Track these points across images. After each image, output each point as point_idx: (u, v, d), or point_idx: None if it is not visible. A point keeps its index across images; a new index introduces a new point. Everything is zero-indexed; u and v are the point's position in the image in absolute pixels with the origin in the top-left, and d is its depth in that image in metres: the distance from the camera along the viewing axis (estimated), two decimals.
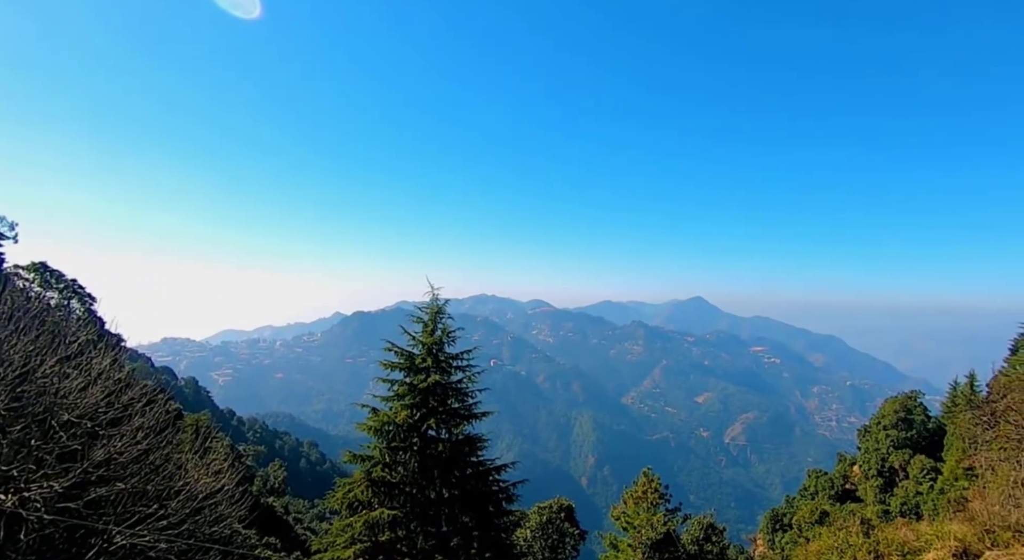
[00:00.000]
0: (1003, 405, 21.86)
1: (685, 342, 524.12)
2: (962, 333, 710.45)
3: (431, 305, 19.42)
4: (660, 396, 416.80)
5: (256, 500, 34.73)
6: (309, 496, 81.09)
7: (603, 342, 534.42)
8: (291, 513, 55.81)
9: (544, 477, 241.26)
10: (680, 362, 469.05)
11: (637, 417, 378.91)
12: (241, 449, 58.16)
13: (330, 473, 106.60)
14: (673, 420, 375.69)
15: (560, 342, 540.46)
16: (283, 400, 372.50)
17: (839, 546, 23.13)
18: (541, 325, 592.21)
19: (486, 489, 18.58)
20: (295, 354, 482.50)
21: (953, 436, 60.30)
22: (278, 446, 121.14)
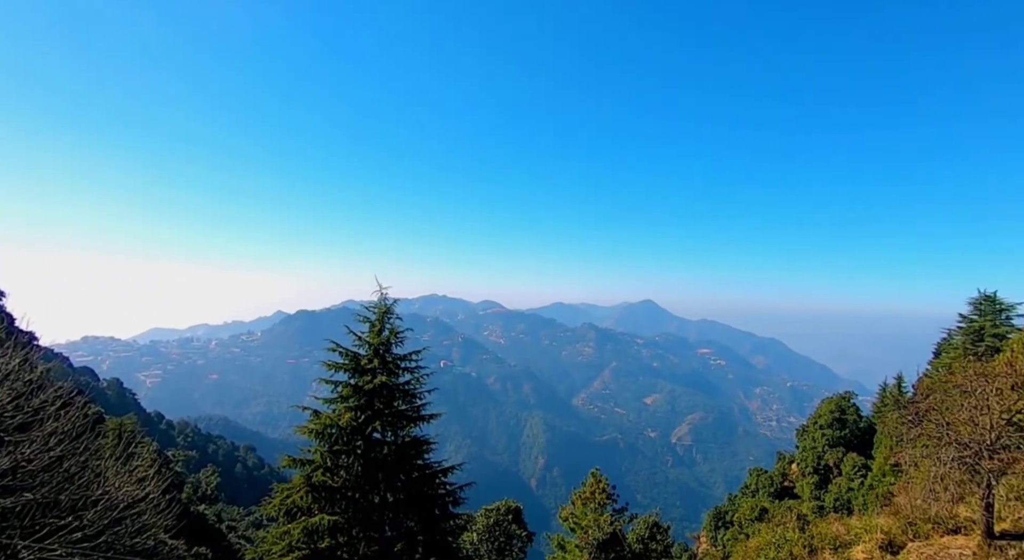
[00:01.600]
0: (926, 405, 23.71)
1: (635, 344, 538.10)
2: (892, 338, 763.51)
3: (379, 305, 19.16)
4: (610, 397, 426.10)
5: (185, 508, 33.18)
6: (245, 503, 78.10)
7: (555, 344, 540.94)
8: (224, 521, 53.55)
9: (493, 479, 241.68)
10: (630, 364, 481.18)
11: (587, 418, 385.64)
12: (170, 455, 55.38)
13: (268, 478, 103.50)
14: (622, 421, 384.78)
15: (511, 343, 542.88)
16: (218, 403, 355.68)
17: (777, 541, 24.59)
18: (492, 326, 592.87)
19: (432, 492, 18.57)
20: (232, 354, 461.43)
21: (882, 434, 64.98)
22: (211, 451, 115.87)
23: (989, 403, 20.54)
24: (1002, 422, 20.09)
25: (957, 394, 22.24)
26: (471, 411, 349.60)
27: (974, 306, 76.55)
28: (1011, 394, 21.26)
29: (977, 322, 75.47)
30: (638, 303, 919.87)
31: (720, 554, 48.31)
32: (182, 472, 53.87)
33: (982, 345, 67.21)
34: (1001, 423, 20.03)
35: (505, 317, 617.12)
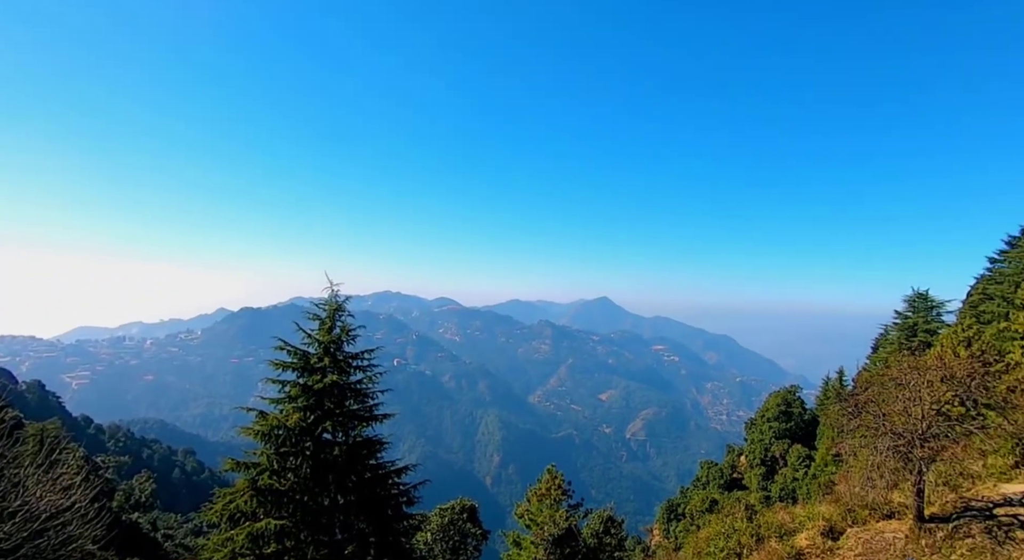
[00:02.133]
0: (864, 397, 25.27)
1: (591, 341, 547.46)
2: (835, 334, 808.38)
3: (329, 301, 18.68)
4: (566, 394, 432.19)
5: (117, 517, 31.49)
6: (184, 509, 74.98)
7: (511, 341, 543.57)
8: (160, 529, 51.13)
9: (448, 478, 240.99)
10: (585, 361, 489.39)
11: (543, 415, 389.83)
12: (99, 461, 52.56)
13: (209, 483, 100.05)
14: (578, 417, 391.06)
15: (467, 341, 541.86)
16: (153, 405, 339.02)
17: (726, 532, 25.64)
18: (448, 323, 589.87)
19: (385, 493, 18.28)
20: (169, 354, 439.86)
21: (824, 426, 68.76)
22: (146, 456, 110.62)
23: (921, 395, 22.05)
24: (932, 412, 21.61)
25: (892, 387, 23.77)
26: (426, 410, 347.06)
27: (908, 303, 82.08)
28: (940, 386, 22.90)
29: (911, 318, 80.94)
30: (594, 300, 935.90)
31: (672, 546, 50.05)
32: (113, 479, 51.36)
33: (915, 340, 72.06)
34: (931, 413, 21.54)
35: (461, 314, 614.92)
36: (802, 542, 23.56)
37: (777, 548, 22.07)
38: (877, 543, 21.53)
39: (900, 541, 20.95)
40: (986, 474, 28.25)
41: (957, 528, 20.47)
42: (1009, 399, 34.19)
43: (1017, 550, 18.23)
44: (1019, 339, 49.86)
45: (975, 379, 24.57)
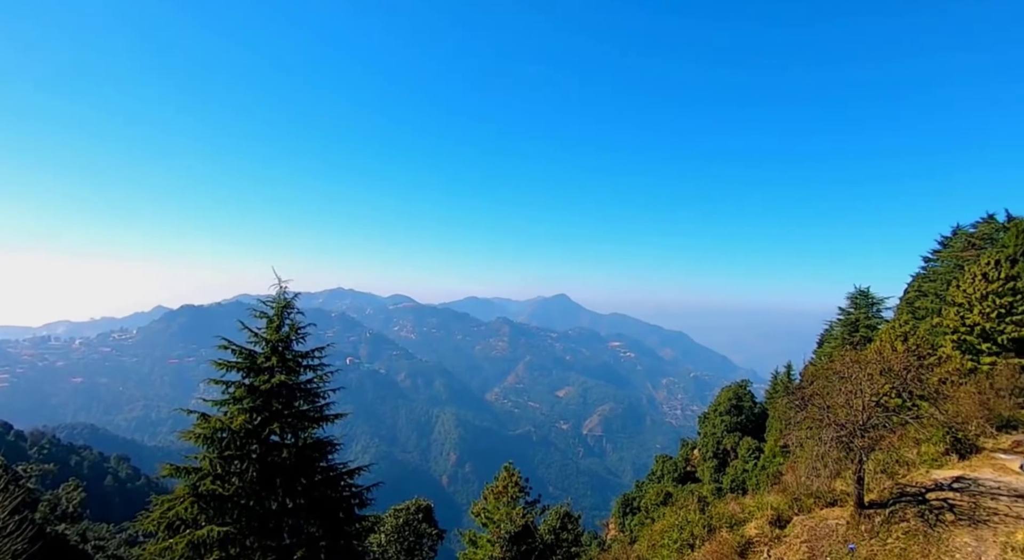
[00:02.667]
0: (810, 391, 26.60)
1: (548, 338, 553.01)
2: (784, 330, 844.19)
3: (277, 299, 18.24)
4: (523, 391, 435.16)
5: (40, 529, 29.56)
6: (117, 519, 71.48)
7: (468, 338, 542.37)
8: (91, 541, 48.49)
9: (403, 478, 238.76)
10: (543, 358, 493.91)
11: (500, 413, 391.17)
12: (20, 470, 49.34)
13: (145, 490, 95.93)
14: (535, 414, 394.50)
15: (423, 338, 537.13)
16: (83, 409, 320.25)
17: (679, 524, 26.52)
18: (403, 321, 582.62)
19: (336, 495, 17.95)
20: (101, 354, 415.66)
21: (773, 419, 72.05)
22: (74, 463, 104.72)
23: (862, 387, 23.37)
24: (872, 404, 22.94)
25: (836, 380, 25.09)
26: (380, 409, 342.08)
27: (851, 301, 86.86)
28: (879, 379, 24.32)
29: (853, 315, 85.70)
30: (552, 297, 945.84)
31: (628, 539, 51.28)
32: (36, 489, 48.43)
33: (857, 335, 76.33)
34: (871, 405, 22.86)
35: (416, 312, 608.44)
36: (751, 531, 24.62)
37: (728, 538, 22.99)
38: (821, 530, 22.74)
39: (842, 527, 22.20)
40: (920, 461, 30.28)
41: (893, 513, 21.87)
42: (941, 390, 36.71)
43: (946, 531, 19.65)
44: (950, 334, 53.48)
45: (911, 372, 26.25)
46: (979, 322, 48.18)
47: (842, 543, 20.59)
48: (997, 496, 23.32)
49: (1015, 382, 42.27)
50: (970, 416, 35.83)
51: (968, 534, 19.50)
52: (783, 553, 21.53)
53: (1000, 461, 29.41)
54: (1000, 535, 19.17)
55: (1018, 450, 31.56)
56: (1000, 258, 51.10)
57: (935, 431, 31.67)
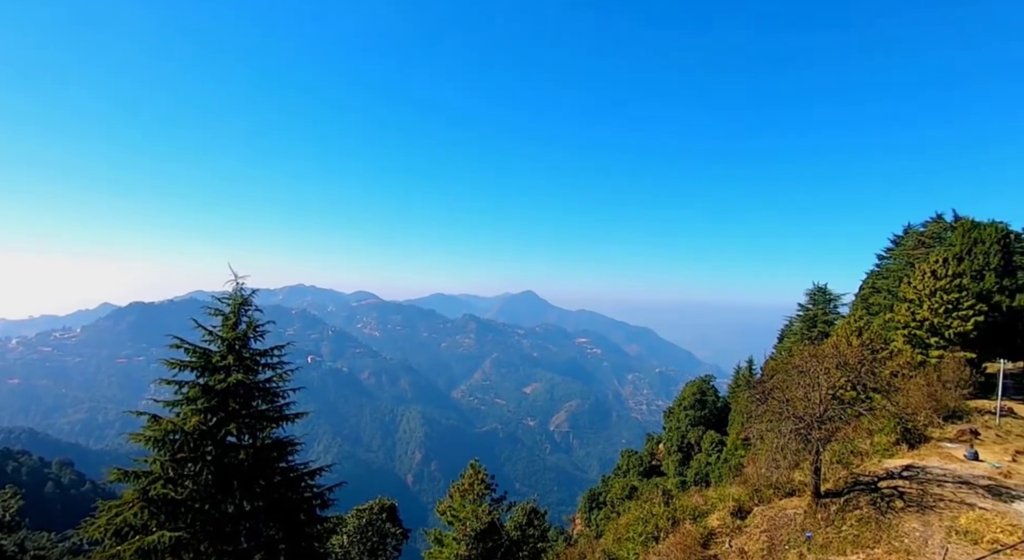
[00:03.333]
0: (771, 384, 27.64)
1: (515, 335, 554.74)
2: (747, 325, 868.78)
3: (234, 295, 17.88)
4: (490, 388, 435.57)
5: None
6: (59, 527, 68.39)
7: (434, 335, 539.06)
8: (30, 551, 46.14)
9: (367, 478, 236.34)
10: (510, 354, 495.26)
11: (467, 410, 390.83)
12: None
13: (91, 496, 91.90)
14: (502, 411, 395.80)
15: (387, 336, 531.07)
16: (20, 412, 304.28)
17: (644, 517, 27.17)
18: (367, 318, 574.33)
19: (297, 496, 17.64)
20: (41, 355, 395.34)
21: (735, 412, 74.29)
22: (11, 469, 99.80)
23: (819, 381, 24.34)
24: (828, 397, 23.90)
25: (795, 374, 26.08)
26: (343, 408, 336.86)
27: (810, 297, 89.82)
28: (836, 372, 25.38)
29: (811, 311, 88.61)
30: (519, 294, 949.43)
31: (594, 533, 52.15)
32: None
33: (815, 330, 79.02)
34: (828, 398, 23.81)
35: (381, 308, 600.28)
36: (714, 522, 25.44)
37: (691, 530, 23.70)
38: (780, 519, 23.65)
39: (800, 516, 23.15)
40: (872, 451, 31.82)
41: (848, 501, 22.93)
42: (892, 383, 38.59)
43: (896, 518, 20.74)
44: (901, 329, 55.91)
45: (865, 365, 27.49)
46: (928, 317, 50.74)
47: (800, 532, 21.49)
48: (943, 483, 24.75)
49: (960, 374, 44.73)
50: (919, 407, 37.81)
51: (916, 520, 20.65)
52: (744, 543, 22.30)
53: (946, 450, 31.17)
54: (945, 520, 20.40)
55: (963, 439, 33.46)
56: (947, 256, 53.95)
57: (887, 422, 33.33)
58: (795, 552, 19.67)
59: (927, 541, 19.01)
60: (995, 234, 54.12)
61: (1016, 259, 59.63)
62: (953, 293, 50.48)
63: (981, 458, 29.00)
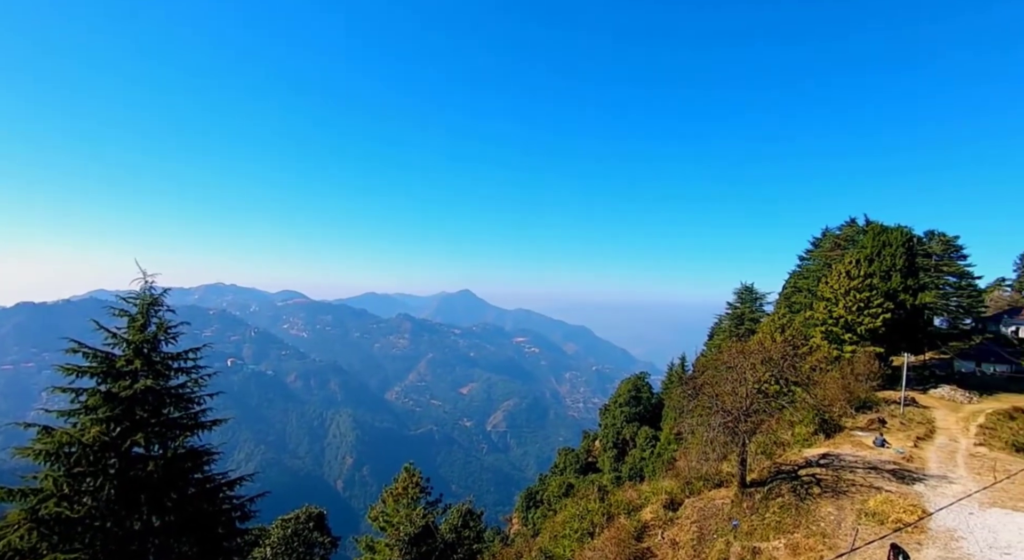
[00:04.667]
0: (701, 380, 28.99)
1: (452, 334, 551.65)
2: (680, 323, 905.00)
3: (142, 295, 16.85)
4: (426, 389, 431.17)
5: None
6: None
7: (366, 336, 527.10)
8: None
9: (293, 486, 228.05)
10: (446, 354, 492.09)
11: (401, 412, 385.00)
12: None
13: None
14: (438, 412, 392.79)
15: (316, 337, 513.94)
16: None
17: (580, 513, 27.79)
18: (293, 318, 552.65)
19: (214, 509, 16.74)
20: None
21: (668, 408, 77.41)
22: None
23: (746, 376, 25.75)
24: (754, 391, 25.33)
25: (724, 370, 27.47)
26: (266, 413, 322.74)
27: (738, 295, 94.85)
28: (761, 368, 26.93)
29: (739, 309, 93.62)
30: (456, 293, 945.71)
31: (531, 532, 52.77)
32: None
33: (742, 328, 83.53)
34: (753, 392, 25.24)
35: (308, 308, 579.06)
36: (647, 516, 26.40)
37: (625, 524, 24.50)
38: (709, 510, 24.89)
39: (727, 506, 24.45)
40: (793, 441, 34.09)
41: (771, 490, 24.45)
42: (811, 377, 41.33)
43: (814, 503, 22.34)
44: (819, 325, 60.07)
45: (787, 360, 29.34)
46: (843, 315, 54.95)
47: (727, 520, 22.71)
48: (855, 469, 26.91)
49: (870, 368, 48.76)
50: (835, 399, 40.91)
51: (831, 504, 22.34)
52: (676, 534, 23.30)
53: (858, 438, 33.90)
54: (856, 503, 22.20)
55: (872, 428, 36.50)
56: (860, 258, 58.68)
57: (806, 414, 35.84)
58: (723, 540, 20.73)
59: (840, 524, 20.60)
60: (901, 237, 59.36)
61: (919, 260, 65.72)
62: (864, 292, 54.96)
63: (888, 445, 31.75)
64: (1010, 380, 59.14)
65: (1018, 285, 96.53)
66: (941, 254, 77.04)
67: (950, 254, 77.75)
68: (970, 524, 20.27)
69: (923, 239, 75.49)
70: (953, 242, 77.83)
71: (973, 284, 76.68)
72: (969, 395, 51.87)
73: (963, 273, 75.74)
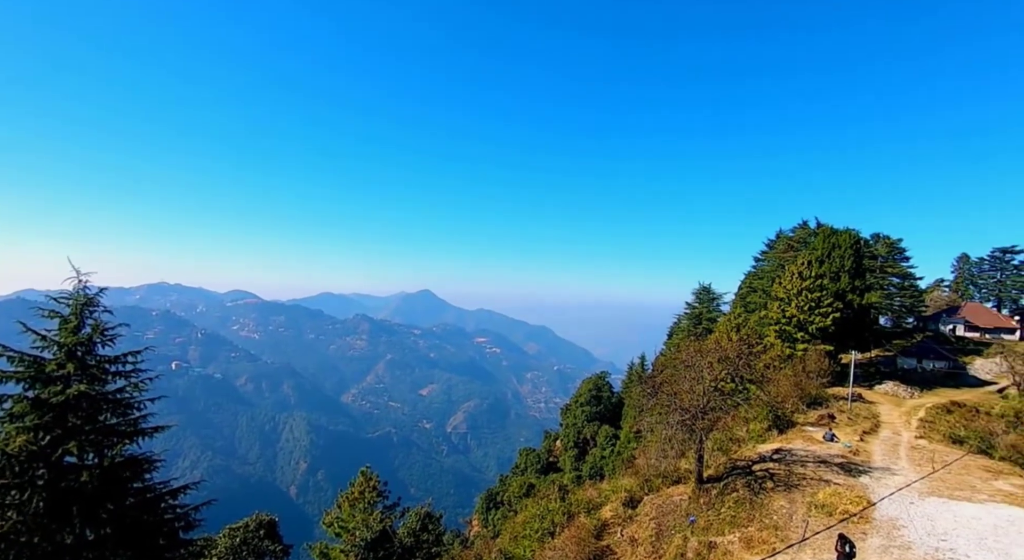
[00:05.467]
0: (660, 379, 29.58)
1: (411, 335, 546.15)
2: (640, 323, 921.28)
3: (76, 294, 16.00)
4: (384, 391, 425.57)
5: None
6: None
7: (322, 337, 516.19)
8: None
9: (243, 493, 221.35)
10: (405, 355, 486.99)
11: (358, 415, 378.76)
12: None
13: None
14: (397, 415, 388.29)
15: (268, 338, 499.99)
16: None
17: (540, 513, 27.93)
18: (244, 319, 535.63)
19: (155, 519, 16.01)
20: None
21: (628, 407, 78.81)
22: None
23: (703, 374, 26.41)
24: (711, 389, 26.00)
25: (682, 368, 28.10)
26: (215, 418, 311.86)
27: (696, 296, 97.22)
28: (718, 366, 27.66)
29: (697, 308, 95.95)
30: (416, 293, 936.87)
31: (491, 534, 52.75)
32: None
33: (700, 327, 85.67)
34: (710, 390, 25.90)
35: (260, 309, 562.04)
36: (607, 514, 26.78)
37: (585, 523, 24.78)
38: (667, 506, 25.44)
39: (685, 502, 25.04)
40: (748, 438, 35.19)
41: (727, 485, 25.18)
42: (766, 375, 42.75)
43: (767, 497, 23.13)
44: (773, 325, 62.21)
45: (742, 359, 30.21)
46: (795, 314, 57.17)
47: (684, 516, 23.27)
48: (806, 463, 28.02)
49: (821, 365, 50.89)
50: (787, 396, 42.50)
51: (783, 497, 23.20)
52: (635, 531, 23.71)
53: (809, 433, 35.29)
54: (807, 496, 23.13)
55: (822, 423, 38.07)
56: (811, 259, 61.20)
57: (761, 411, 37.09)
58: (680, 536, 21.22)
59: (792, 516, 21.40)
60: (849, 240, 62.23)
61: (865, 262, 69.05)
62: (816, 292, 57.37)
63: (837, 439, 33.17)
64: (947, 376, 62.79)
65: (955, 286, 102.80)
66: (886, 256, 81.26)
67: (894, 256, 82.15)
68: (911, 513, 21.42)
69: (870, 241, 79.47)
70: (897, 245, 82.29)
71: (915, 285, 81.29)
72: (911, 390, 54.86)
73: (906, 274, 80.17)
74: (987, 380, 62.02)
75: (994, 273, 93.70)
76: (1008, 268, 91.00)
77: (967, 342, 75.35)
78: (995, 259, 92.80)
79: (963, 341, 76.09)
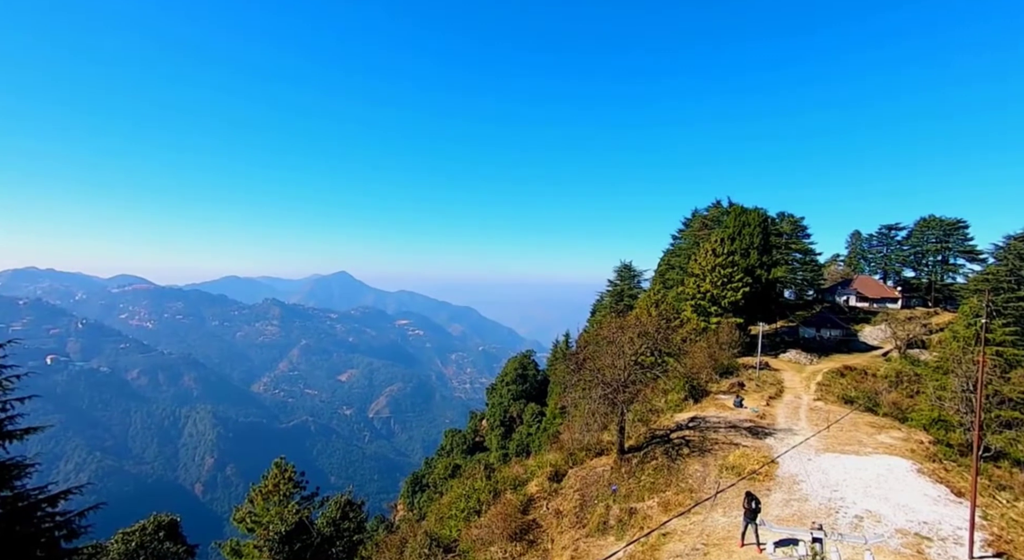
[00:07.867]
0: (584, 355, 30.45)
1: (328, 319, 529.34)
2: (563, 301, 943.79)
3: None
4: (299, 378, 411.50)
5: None
6: None
7: (227, 324, 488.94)
8: None
9: (139, 495, 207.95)
10: (322, 340, 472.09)
11: (271, 405, 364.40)
12: None
13: None
14: (314, 402, 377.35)
15: (164, 327, 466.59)
16: None
17: (466, 493, 28.16)
18: (135, 307, 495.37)
19: (30, 530, 14.56)
20: None
21: (554, 384, 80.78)
22: None
23: (624, 349, 27.44)
24: (631, 363, 27.09)
25: (605, 344, 29.06)
26: (102, 416, 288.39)
27: (617, 273, 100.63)
28: (638, 341, 28.82)
29: (619, 286, 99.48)
30: (331, 275, 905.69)
31: (416, 517, 52.84)
32: None
33: (622, 304, 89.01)
34: (631, 364, 26.99)
35: (153, 295, 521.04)
36: (533, 489, 27.48)
37: (511, 499, 25.31)
38: (590, 477, 26.48)
39: (607, 473, 26.17)
40: (667, 408, 37.20)
41: (646, 454, 26.55)
42: (682, 347, 45.20)
43: (683, 463, 24.64)
44: (689, 300, 65.58)
45: (661, 333, 31.66)
46: (709, 289, 60.63)
47: (607, 486, 24.34)
48: (718, 429, 30.07)
49: (732, 337, 54.51)
50: (702, 367, 45.22)
51: (698, 462, 24.84)
52: (560, 504, 24.51)
53: (721, 401, 37.83)
54: (719, 459, 24.92)
55: (733, 391, 40.88)
56: (724, 237, 64.98)
57: (678, 382, 39.26)
58: (603, 505, 22.18)
59: (705, 479, 23.00)
60: (757, 218, 66.68)
61: (772, 239, 74.33)
62: (728, 268, 61.12)
63: (745, 405, 35.79)
64: (841, 343, 69.45)
65: (848, 260, 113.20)
66: (790, 233, 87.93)
67: (797, 233, 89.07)
68: (808, 469, 23.70)
69: (775, 219, 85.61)
70: (800, 222, 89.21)
71: (815, 260, 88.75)
72: (811, 357, 60.22)
73: (807, 250, 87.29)
74: (874, 345, 69.21)
75: (881, 248, 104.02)
76: (892, 243, 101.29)
77: (858, 311, 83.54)
78: (882, 235, 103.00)
79: (855, 311, 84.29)
